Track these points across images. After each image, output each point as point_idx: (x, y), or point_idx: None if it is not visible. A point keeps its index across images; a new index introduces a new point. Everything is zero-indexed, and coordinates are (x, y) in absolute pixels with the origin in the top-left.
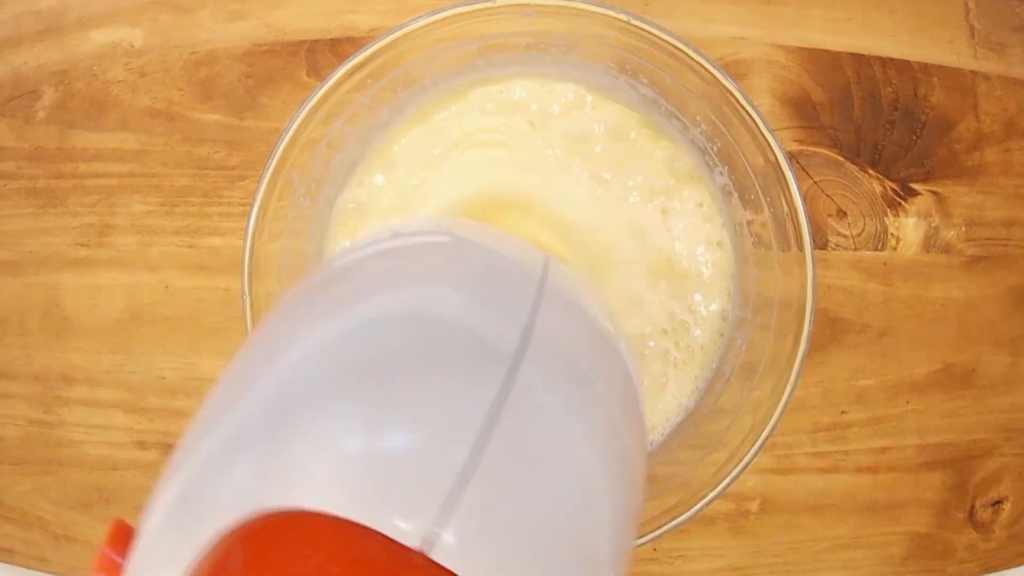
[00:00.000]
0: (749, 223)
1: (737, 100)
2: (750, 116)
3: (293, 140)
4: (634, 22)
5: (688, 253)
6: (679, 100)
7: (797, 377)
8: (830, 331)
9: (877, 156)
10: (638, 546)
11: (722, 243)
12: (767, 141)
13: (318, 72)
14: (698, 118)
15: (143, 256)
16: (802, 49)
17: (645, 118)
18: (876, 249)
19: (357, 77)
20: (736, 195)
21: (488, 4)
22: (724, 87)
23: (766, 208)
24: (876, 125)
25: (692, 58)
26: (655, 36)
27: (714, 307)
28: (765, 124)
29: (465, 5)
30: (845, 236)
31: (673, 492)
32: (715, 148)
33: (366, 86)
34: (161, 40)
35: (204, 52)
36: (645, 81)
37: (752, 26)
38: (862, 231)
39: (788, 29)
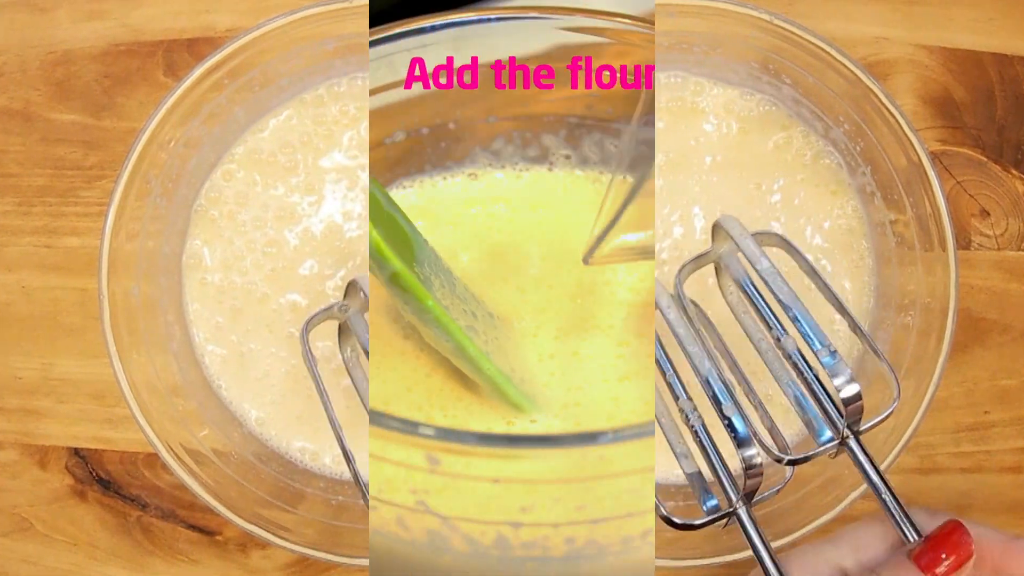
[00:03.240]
0: (892, 223)
1: (880, 100)
2: (893, 116)
3: (151, 140)
4: (776, 22)
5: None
6: (822, 100)
7: (940, 377)
8: (972, 331)
9: (1020, 156)
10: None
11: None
12: (910, 141)
13: (175, 72)
14: (841, 118)
15: None
16: (945, 49)
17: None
18: (1019, 249)
19: (214, 77)
20: (879, 195)
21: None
22: (867, 87)
23: (909, 208)
24: (1019, 125)
25: (835, 58)
26: (798, 36)
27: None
28: (908, 124)
29: (321, 5)
30: (988, 236)
31: (819, 493)
32: (858, 148)
33: (223, 86)
34: (18, 40)
35: (61, 52)
36: (788, 81)
37: (895, 26)
38: (1005, 231)
39: (931, 29)
